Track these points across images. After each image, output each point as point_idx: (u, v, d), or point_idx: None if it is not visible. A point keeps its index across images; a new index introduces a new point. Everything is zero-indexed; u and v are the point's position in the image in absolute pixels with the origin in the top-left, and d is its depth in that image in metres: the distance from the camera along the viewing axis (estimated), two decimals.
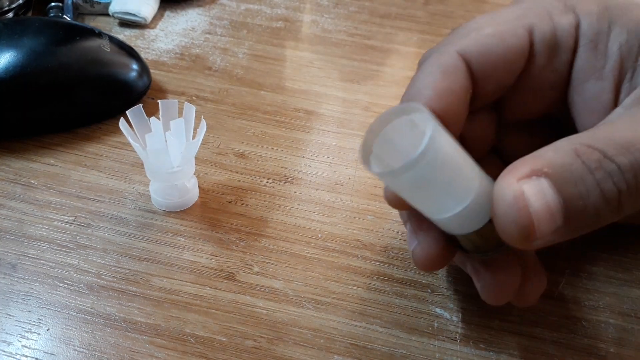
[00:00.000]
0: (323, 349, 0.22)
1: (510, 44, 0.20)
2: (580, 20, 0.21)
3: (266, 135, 0.31)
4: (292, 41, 0.40)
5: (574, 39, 0.21)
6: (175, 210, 0.27)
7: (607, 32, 0.20)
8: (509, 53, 0.20)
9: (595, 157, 0.16)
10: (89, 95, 0.30)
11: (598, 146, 0.17)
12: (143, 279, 0.24)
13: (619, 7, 0.21)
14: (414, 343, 0.22)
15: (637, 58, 0.20)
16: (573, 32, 0.21)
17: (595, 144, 0.17)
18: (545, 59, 0.21)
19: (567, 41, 0.21)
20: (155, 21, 0.40)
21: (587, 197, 0.16)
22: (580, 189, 0.16)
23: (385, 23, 0.43)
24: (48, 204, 0.27)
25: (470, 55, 0.20)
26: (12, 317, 0.22)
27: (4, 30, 0.30)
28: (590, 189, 0.16)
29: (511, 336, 0.23)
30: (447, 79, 0.20)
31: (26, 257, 0.24)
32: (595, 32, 0.20)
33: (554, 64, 0.21)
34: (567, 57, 0.21)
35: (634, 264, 0.26)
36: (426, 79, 0.20)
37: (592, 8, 0.21)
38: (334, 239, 0.26)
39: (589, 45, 0.20)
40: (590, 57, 0.20)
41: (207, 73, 0.36)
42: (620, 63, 0.20)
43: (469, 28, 0.21)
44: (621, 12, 0.20)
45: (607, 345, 0.23)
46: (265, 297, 0.24)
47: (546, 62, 0.21)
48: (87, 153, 0.29)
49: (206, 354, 0.21)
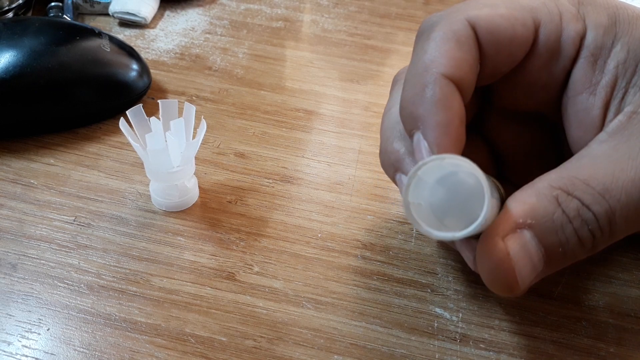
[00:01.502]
0: (323, 349, 0.22)
1: (518, 32, 0.20)
2: (587, 31, 0.20)
3: (266, 135, 0.31)
4: (292, 41, 0.40)
5: (576, 48, 0.20)
6: (175, 210, 0.27)
7: (610, 47, 0.20)
8: (514, 40, 0.20)
9: (574, 206, 0.18)
10: (89, 95, 0.30)
11: (577, 194, 0.18)
12: (143, 279, 0.24)
13: (628, 21, 0.20)
14: (414, 343, 0.23)
15: (631, 80, 0.20)
16: (577, 41, 0.20)
17: (574, 192, 0.18)
18: (544, 60, 0.21)
19: (569, 49, 0.20)
20: (155, 21, 0.40)
21: (566, 244, 0.18)
22: (560, 238, 0.18)
23: (385, 23, 0.43)
24: (48, 203, 0.27)
25: (479, 29, 0.20)
26: (12, 317, 0.22)
27: (4, 30, 0.30)
28: (569, 236, 0.18)
29: (511, 336, 0.23)
30: (462, 49, 0.19)
31: (26, 257, 0.24)
32: (599, 47, 0.20)
33: (552, 68, 0.21)
34: (565, 64, 0.21)
35: (633, 264, 0.26)
36: (442, 47, 0.19)
37: (602, 20, 0.20)
38: (334, 239, 0.26)
39: (589, 59, 0.20)
40: (588, 71, 0.20)
41: (207, 73, 0.36)
42: (614, 82, 0.20)
43: (482, 2, 0.21)
44: (628, 27, 0.20)
45: (607, 345, 0.23)
46: (265, 297, 0.24)
47: (544, 63, 0.21)
48: (87, 153, 0.29)
49: (206, 354, 0.21)
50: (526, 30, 0.20)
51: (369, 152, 0.31)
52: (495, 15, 0.20)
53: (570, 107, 0.21)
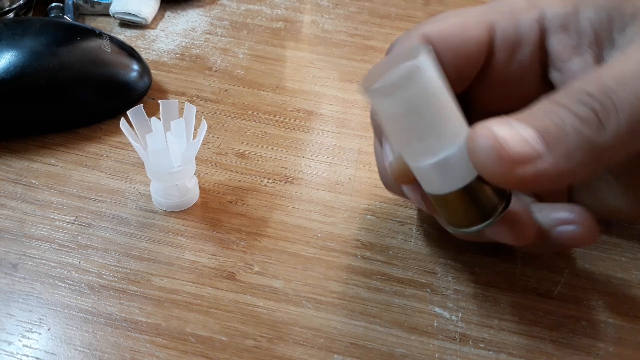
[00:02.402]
0: (323, 349, 0.22)
1: (470, 35, 0.21)
2: (545, 12, 0.21)
3: (266, 135, 0.32)
4: (292, 41, 0.40)
5: (537, 32, 0.21)
6: (175, 210, 0.27)
7: (575, 13, 0.21)
8: (469, 43, 0.21)
9: (561, 96, 0.17)
10: (89, 96, 0.31)
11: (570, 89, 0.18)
12: (144, 279, 0.24)
13: None
14: (414, 342, 0.23)
15: (611, 30, 0.20)
16: (536, 25, 0.21)
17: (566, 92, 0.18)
18: (506, 54, 0.22)
19: (529, 35, 0.21)
20: (155, 21, 0.40)
21: (562, 122, 0.17)
22: (552, 118, 0.17)
23: (385, 23, 0.43)
24: (49, 203, 0.27)
25: (433, 39, 0.21)
26: (13, 316, 0.22)
27: (5, 30, 0.30)
28: (562, 115, 0.17)
29: (511, 336, 0.23)
30: None
31: (27, 257, 0.24)
32: (562, 16, 0.21)
33: (517, 58, 0.22)
34: (530, 49, 0.21)
35: (633, 264, 0.26)
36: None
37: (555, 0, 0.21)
38: (334, 238, 0.26)
39: (559, 29, 0.21)
40: (564, 38, 0.21)
41: (207, 73, 0.36)
42: (595, 37, 0.20)
43: (435, 18, 0.22)
44: None
45: (607, 345, 0.23)
46: (265, 297, 0.24)
47: (508, 56, 0.22)
48: (88, 153, 0.29)
49: (207, 354, 0.22)
50: (478, 31, 0.21)
51: (369, 152, 0.31)
52: (446, 24, 0.21)
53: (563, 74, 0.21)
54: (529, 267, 0.26)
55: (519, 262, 0.26)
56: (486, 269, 0.25)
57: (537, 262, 0.26)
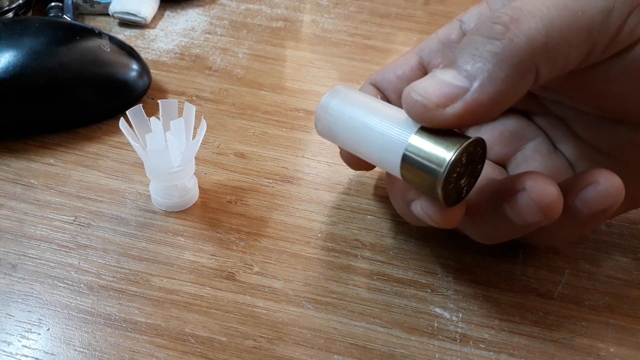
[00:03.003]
0: (323, 349, 0.22)
1: (403, 70, 0.25)
2: (463, 23, 0.24)
3: (266, 135, 0.31)
4: (292, 41, 0.40)
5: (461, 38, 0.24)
6: (175, 210, 0.27)
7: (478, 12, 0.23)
8: (403, 77, 0.25)
9: (474, 28, 0.18)
10: (89, 95, 0.30)
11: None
12: (143, 279, 0.24)
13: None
14: (414, 343, 0.23)
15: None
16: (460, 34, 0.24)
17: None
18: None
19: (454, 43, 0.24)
20: (155, 21, 0.40)
21: (476, 50, 0.18)
22: (468, 50, 0.18)
23: (385, 23, 0.43)
24: (48, 204, 0.27)
25: (378, 83, 0.25)
26: (12, 317, 0.22)
27: (4, 30, 0.30)
28: (476, 43, 0.18)
29: (511, 336, 0.23)
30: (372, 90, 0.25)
31: (26, 257, 0.24)
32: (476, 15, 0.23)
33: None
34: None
35: (633, 264, 0.26)
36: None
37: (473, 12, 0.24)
38: (334, 238, 0.26)
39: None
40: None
41: (207, 73, 0.36)
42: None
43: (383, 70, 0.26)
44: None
45: (607, 345, 0.23)
46: (265, 297, 0.24)
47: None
48: (87, 153, 0.29)
49: (206, 354, 0.21)
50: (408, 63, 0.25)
51: None
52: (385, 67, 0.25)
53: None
54: (530, 267, 0.26)
55: (519, 262, 0.26)
56: (486, 269, 0.25)
57: (537, 262, 0.26)
